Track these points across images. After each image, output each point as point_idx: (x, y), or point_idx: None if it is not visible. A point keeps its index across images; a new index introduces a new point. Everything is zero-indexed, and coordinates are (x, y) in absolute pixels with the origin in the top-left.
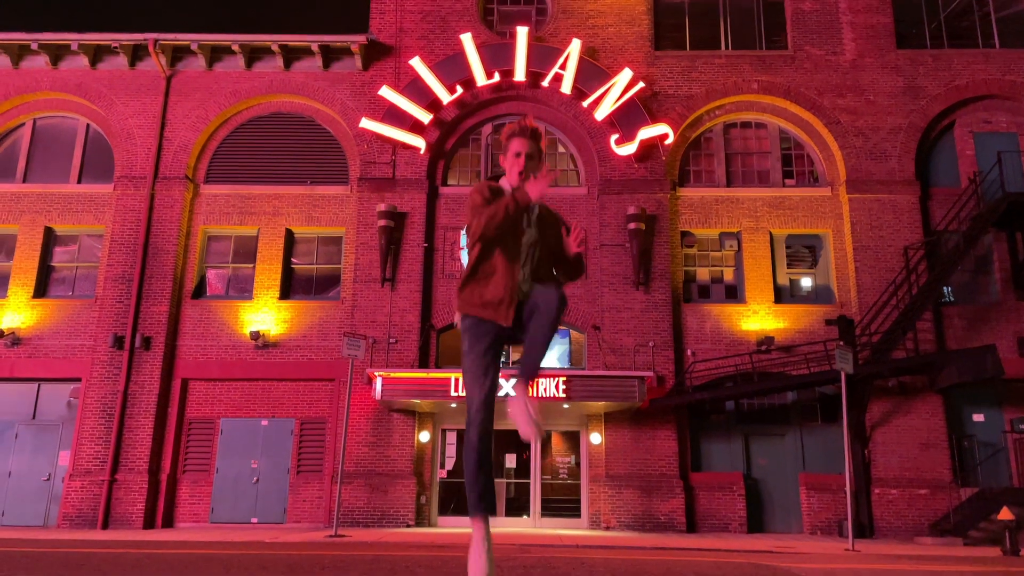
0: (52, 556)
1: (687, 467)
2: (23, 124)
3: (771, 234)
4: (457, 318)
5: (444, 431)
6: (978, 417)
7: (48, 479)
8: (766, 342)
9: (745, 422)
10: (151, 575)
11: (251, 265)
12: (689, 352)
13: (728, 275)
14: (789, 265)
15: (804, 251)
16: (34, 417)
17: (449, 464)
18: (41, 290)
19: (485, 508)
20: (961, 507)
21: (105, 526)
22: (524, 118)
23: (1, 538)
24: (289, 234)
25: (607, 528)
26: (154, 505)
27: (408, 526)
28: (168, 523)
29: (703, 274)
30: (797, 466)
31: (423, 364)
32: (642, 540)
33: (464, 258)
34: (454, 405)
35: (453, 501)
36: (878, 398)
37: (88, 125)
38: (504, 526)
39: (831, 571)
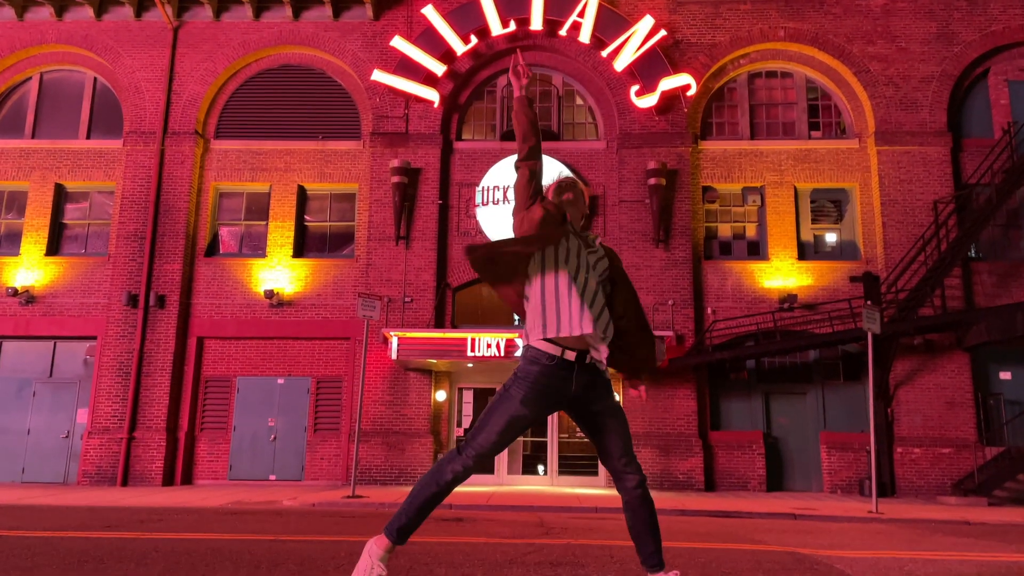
0: (56, 545)
1: (706, 426)
2: (30, 78)
3: (795, 188)
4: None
5: (460, 390)
6: (1005, 375)
7: (67, 436)
8: (789, 300)
9: (766, 381)
10: (154, 574)
11: (264, 222)
12: (710, 310)
13: (750, 231)
14: (814, 220)
15: (829, 206)
16: (51, 375)
17: (466, 423)
18: (54, 248)
19: (400, 539)
20: (986, 466)
21: (125, 483)
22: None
23: (14, 505)
24: (301, 191)
25: None
26: (173, 462)
27: None
28: (187, 480)
29: (725, 230)
30: (818, 425)
31: (439, 323)
32: (661, 500)
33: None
34: (470, 365)
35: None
36: (903, 356)
37: (95, 79)
38: (521, 484)
39: (876, 560)
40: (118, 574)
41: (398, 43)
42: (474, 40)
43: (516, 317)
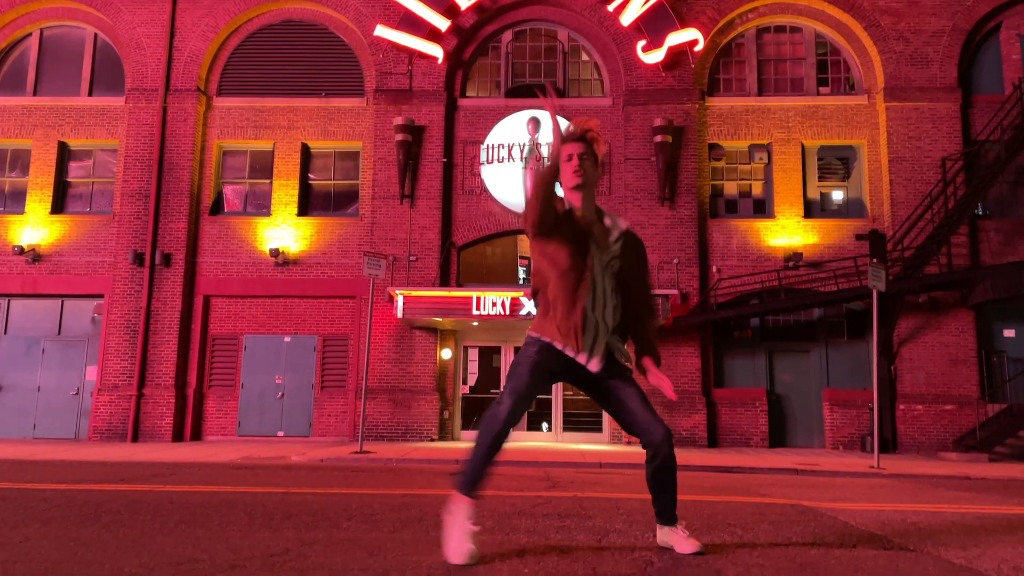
0: (73, 497)
1: (710, 383)
2: (30, 34)
3: (803, 146)
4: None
5: (466, 348)
6: (1009, 333)
7: (76, 393)
8: (794, 258)
9: (770, 339)
10: (170, 525)
11: (268, 181)
12: (715, 269)
13: (757, 189)
14: (820, 178)
15: (836, 163)
16: (59, 333)
17: (471, 380)
18: (59, 206)
19: (475, 493)
20: (988, 423)
21: (135, 439)
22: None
23: (28, 460)
24: (305, 149)
25: (628, 443)
26: (182, 419)
27: (431, 440)
28: (197, 436)
29: (731, 188)
30: (821, 382)
31: (444, 282)
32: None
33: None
34: (476, 323)
35: (476, 416)
36: (907, 314)
37: (96, 35)
38: (526, 440)
39: (878, 512)
40: (135, 525)
41: None
42: None
43: (521, 276)
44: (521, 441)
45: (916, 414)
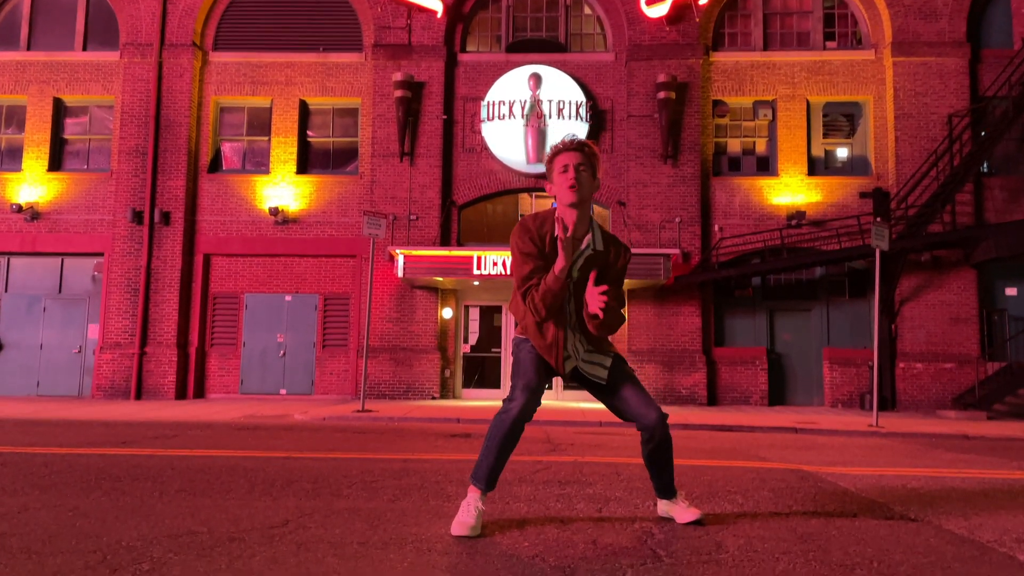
0: (73, 463)
1: (710, 342)
2: None
3: (808, 102)
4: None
5: (467, 307)
6: (1011, 291)
7: (79, 351)
8: (797, 216)
9: (771, 297)
10: (171, 493)
11: (266, 138)
12: (717, 227)
13: (760, 146)
14: (825, 135)
15: (842, 120)
16: (60, 291)
17: (472, 339)
18: (56, 163)
19: (489, 486)
20: (987, 381)
21: (139, 396)
22: (573, 137)
23: (31, 419)
24: (303, 105)
25: None
26: (185, 377)
27: (433, 398)
28: (199, 394)
29: (734, 146)
30: (821, 341)
31: (445, 241)
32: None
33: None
34: (477, 283)
35: (476, 374)
36: (909, 272)
37: None
38: None
39: (879, 477)
40: (135, 492)
41: None
42: None
43: None
44: None
45: (916, 372)
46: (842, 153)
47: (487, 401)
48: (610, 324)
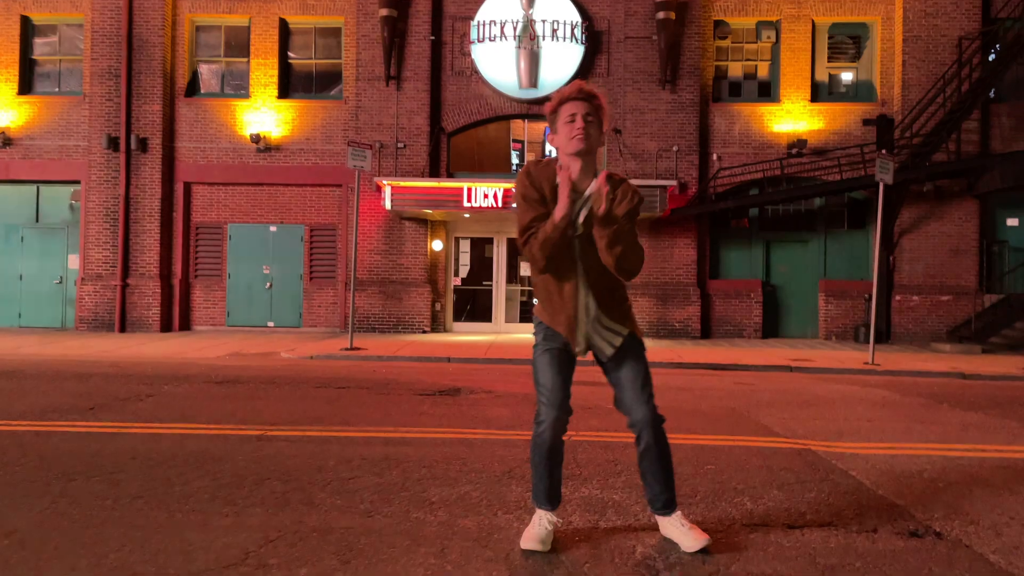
0: (26, 450)
1: (705, 275)
2: None
3: (813, 23)
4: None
5: (457, 239)
6: (1012, 222)
7: (60, 282)
8: (798, 145)
9: (768, 229)
10: (124, 502)
11: (245, 59)
12: (715, 157)
13: (762, 71)
14: (830, 59)
15: (848, 42)
16: (37, 220)
17: (463, 272)
18: (26, 86)
19: (552, 504)
20: (983, 313)
21: (123, 329)
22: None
23: (6, 359)
24: (283, 24)
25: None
26: (170, 309)
27: (424, 332)
28: (185, 326)
29: (735, 70)
30: (818, 272)
31: (434, 170)
32: (657, 350)
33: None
34: (467, 216)
35: (468, 307)
36: (911, 203)
37: None
38: (517, 332)
39: (891, 458)
40: (87, 502)
41: None
42: None
43: (514, 162)
44: (512, 333)
45: (912, 305)
46: (847, 77)
47: (478, 335)
48: (628, 258)
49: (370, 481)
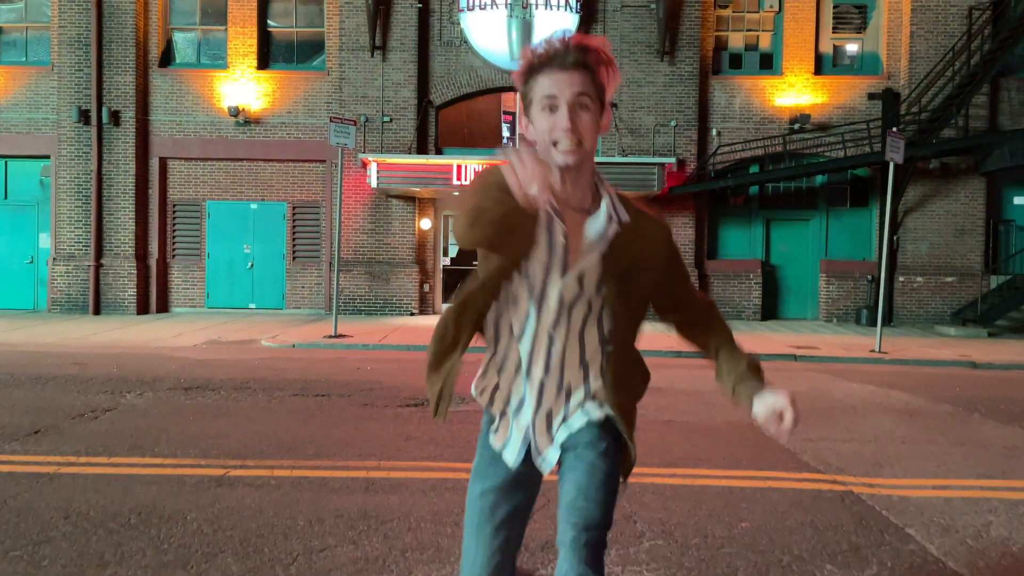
0: None
1: (703, 255)
2: None
3: None
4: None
5: (446, 218)
6: (1020, 200)
7: (31, 262)
8: (800, 120)
9: (768, 207)
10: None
11: (223, 27)
12: (714, 132)
13: (764, 42)
14: (835, 29)
15: (853, 12)
16: (6, 197)
17: (453, 251)
18: None
19: None
20: (988, 295)
21: (98, 312)
22: (564, 36)
23: None
24: None
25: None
26: (147, 290)
27: (411, 314)
28: (164, 308)
29: (736, 40)
30: (819, 252)
31: (421, 146)
32: (652, 335)
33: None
34: (457, 193)
35: (457, 288)
36: (916, 181)
37: None
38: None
39: (945, 504)
40: None
41: None
42: None
43: (505, 136)
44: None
45: (916, 286)
46: (852, 49)
47: None
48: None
49: (345, 555)
